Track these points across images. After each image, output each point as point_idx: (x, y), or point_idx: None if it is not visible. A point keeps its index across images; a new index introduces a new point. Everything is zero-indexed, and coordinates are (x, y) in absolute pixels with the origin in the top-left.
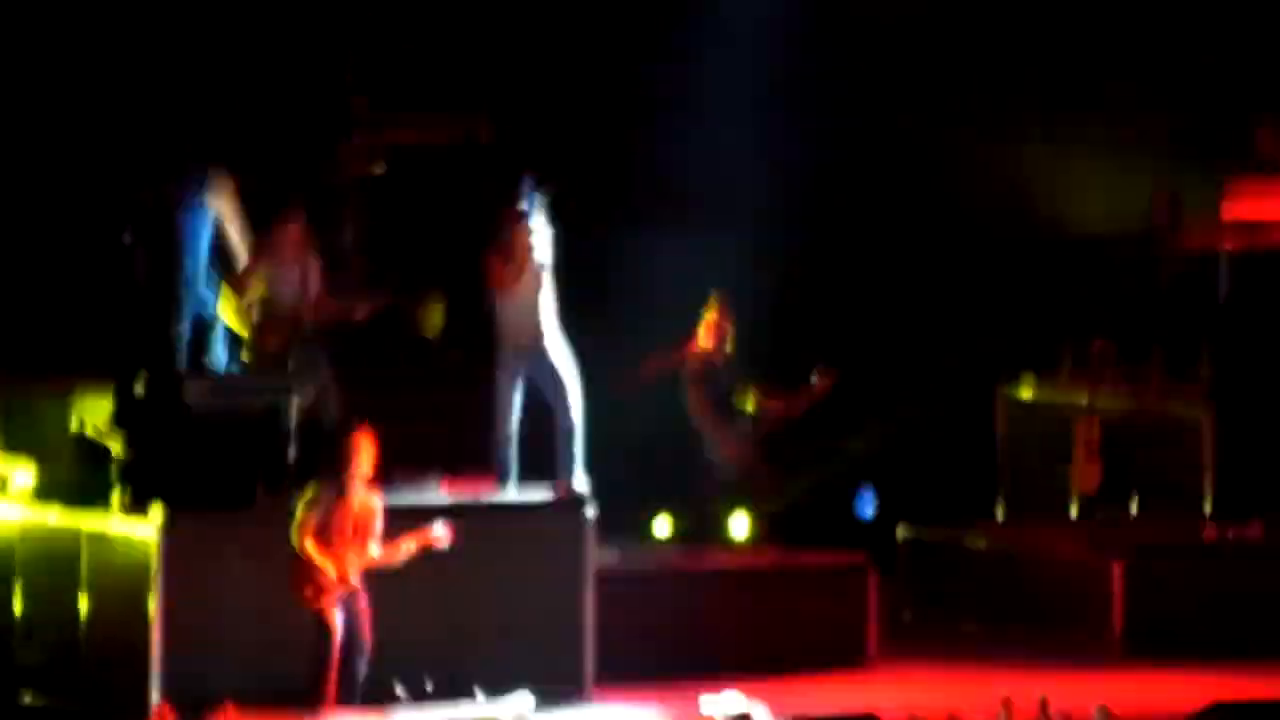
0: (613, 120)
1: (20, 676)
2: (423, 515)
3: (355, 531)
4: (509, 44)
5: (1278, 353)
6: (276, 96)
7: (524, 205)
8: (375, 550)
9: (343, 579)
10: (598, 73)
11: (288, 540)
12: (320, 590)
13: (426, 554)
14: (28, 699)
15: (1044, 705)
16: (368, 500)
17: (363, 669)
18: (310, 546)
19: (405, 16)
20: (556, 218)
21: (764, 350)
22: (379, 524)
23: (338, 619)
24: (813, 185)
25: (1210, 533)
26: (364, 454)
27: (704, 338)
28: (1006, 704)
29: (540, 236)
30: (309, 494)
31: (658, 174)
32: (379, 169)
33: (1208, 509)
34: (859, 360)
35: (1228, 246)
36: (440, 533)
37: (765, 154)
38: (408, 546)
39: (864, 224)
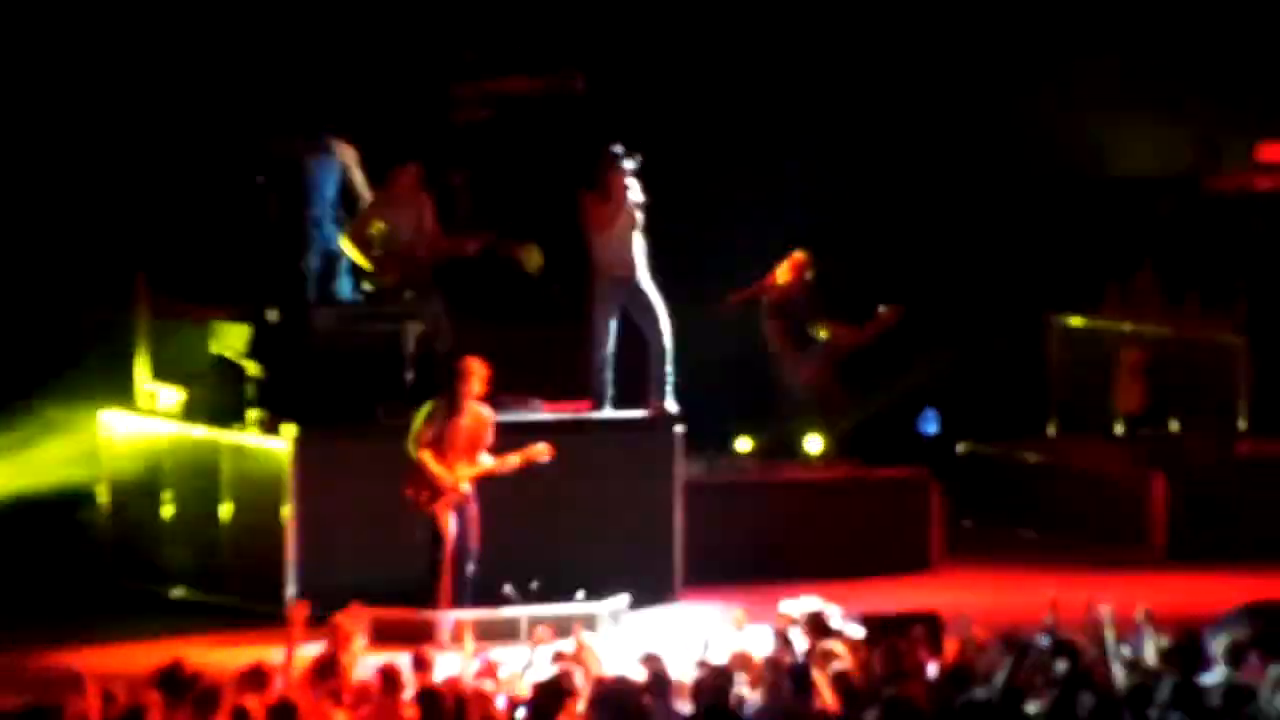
0: (695, 78)
1: (169, 574)
2: (528, 432)
3: (468, 443)
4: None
5: None
6: (395, 52)
7: (619, 151)
8: (486, 460)
9: (454, 486)
10: (680, 31)
11: (405, 452)
12: (434, 495)
13: (531, 468)
14: (176, 593)
15: (1091, 609)
16: (480, 415)
17: (471, 570)
18: (425, 455)
19: None
20: (646, 167)
21: (838, 286)
22: (489, 437)
23: (450, 524)
24: (883, 137)
25: (1244, 447)
26: (477, 375)
27: (784, 274)
28: (1053, 606)
29: (633, 180)
30: (425, 409)
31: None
32: (486, 116)
33: (1242, 426)
34: (924, 294)
35: (1261, 187)
36: (543, 449)
37: (838, 106)
38: (513, 460)
39: (931, 172)
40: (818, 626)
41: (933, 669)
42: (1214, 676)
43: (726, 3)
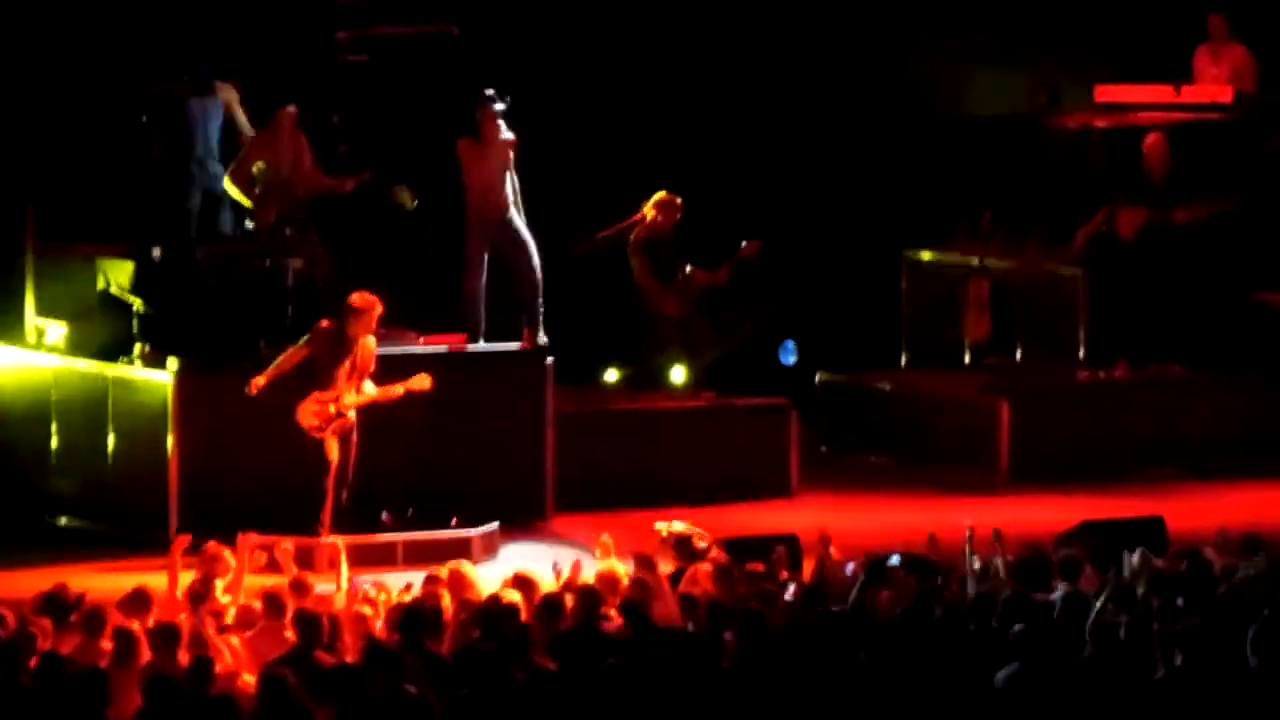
0: (566, 21)
1: (56, 503)
2: (406, 364)
3: (356, 372)
4: None
5: (1173, 213)
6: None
7: (490, 94)
8: (370, 389)
9: (340, 409)
10: None
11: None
12: (324, 421)
13: (408, 398)
14: (63, 522)
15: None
16: (367, 345)
17: (344, 495)
18: (277, 364)
19: None
20: (518, 108)
21: (700, 223)
22: (372, 367)
23: (334, 450)
24: (743, 77)
25: (1084, 375)
26: (372, 310)
27: (649, 211)
28: (932, 538)
29: (503, 122)
30: (303, 339)
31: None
32: (364, 59)
33: (1082, 354)
34: (782, 231)
35: (1099, 125)
36: (424, 379)
37: (702, 48)
38: (397, 389)
39: (790, 112)
40: (684, 549)
41: (792, 589)
42: (1057, 591)
43: None
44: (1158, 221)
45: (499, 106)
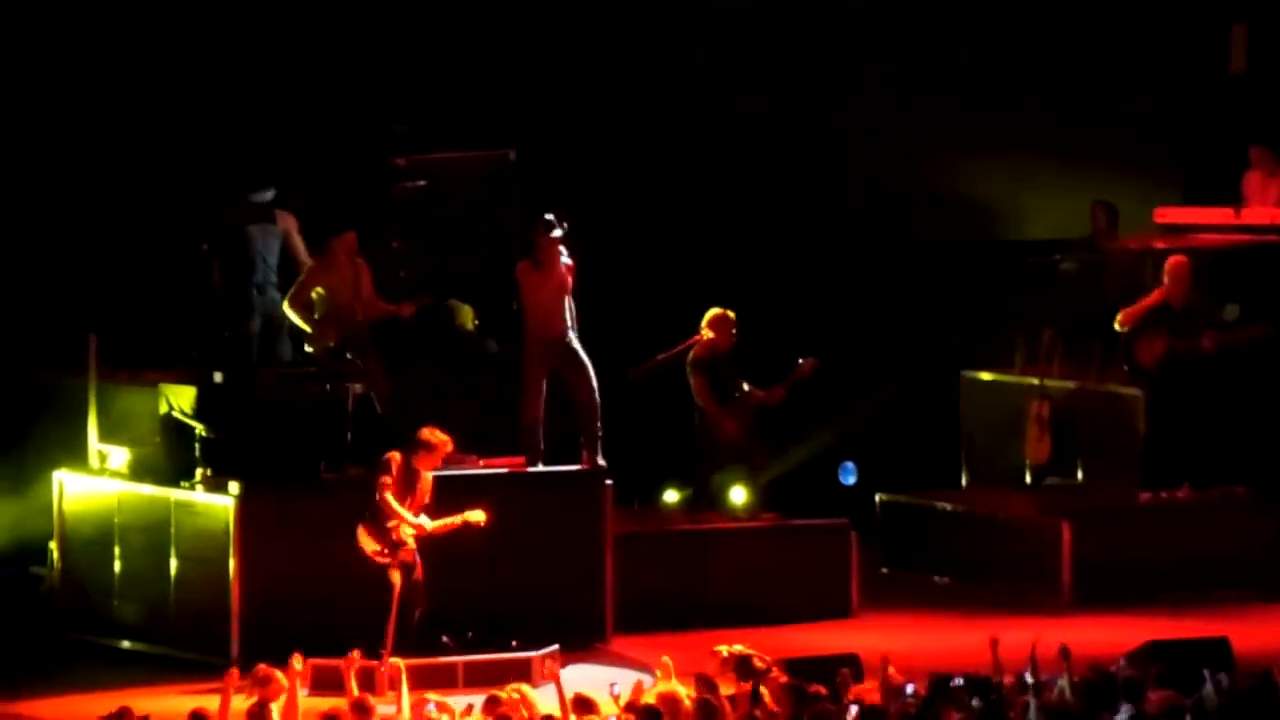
0: (620, 146)
1: (120, 627)
2: (467, 485)
3: (413, 501)
4: (533, 79)
5: (1199, 339)
6: (334, 125)
7: (550, 218)
8: (425, 522)
9: (399, 538)
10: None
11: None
12: (387, 547)
13: (467, 528)
14: (126, 646)
15: (1033, 650)
16: (426, 477)
17: (415, 622)
18: (390, 499)
19: (447, 50)
20: (576, 232)
21: (760, 344)
22: (427, 499)
23: (396, 575)
24: (802, 198)
25: (1145, 496)
26: (441, 447)
27: (707, 333)
28: (994, 644)
29: (562, 247)
30: (384, 464)
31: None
32: (422, 185)
33: (1143, 476)
34: (844, 352)
35: (1159, 247)
36: (479, 515)
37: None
38: (452, 522)
39: (849, 232)
40: (745, 669)
41: (854, 711)
42: (1122, 715)
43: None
44: (1178, 348)
45: (557, 232)
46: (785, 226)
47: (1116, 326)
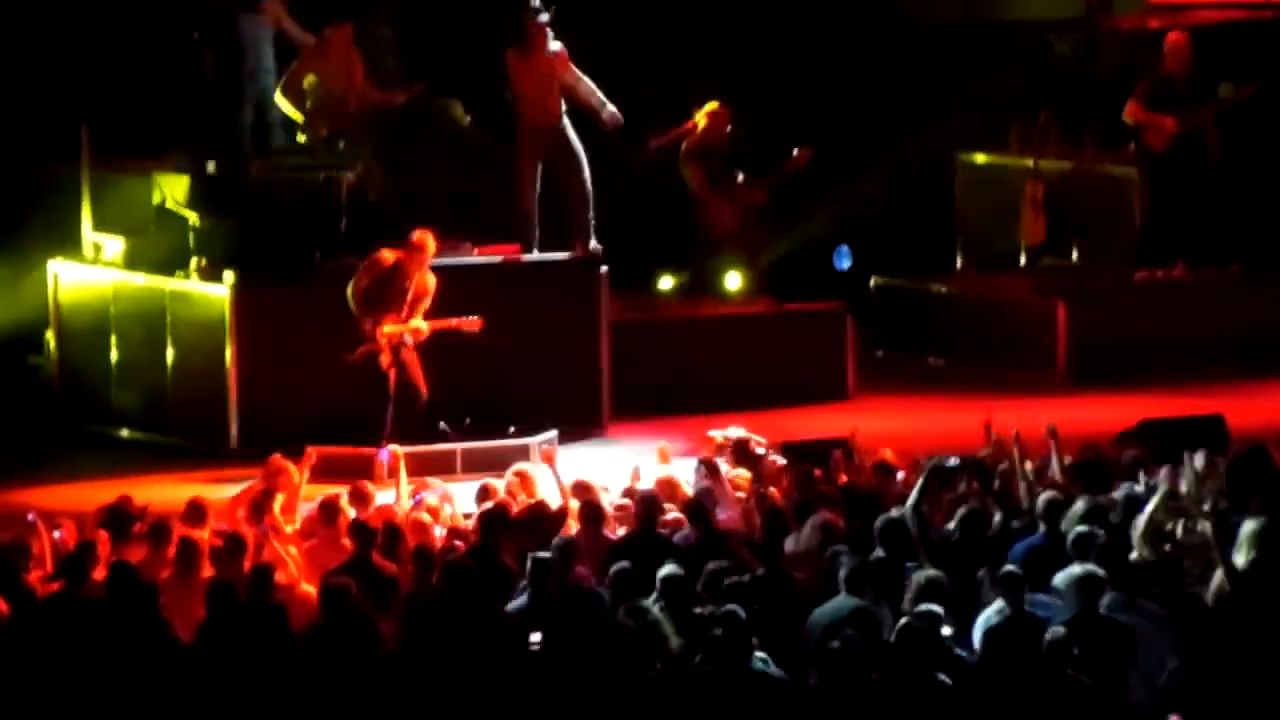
0: None
1: (117, 416)
2: (460, 275)
3: (409, 305)
4: None
5: (1192, 118)
6: None
7: (536, 4)
8: (422, 324)
9: (392, 339)
10: None
11: (342, 297)
12: (369, 347)
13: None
14: (124, 434)
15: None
16: (425, 281)
17: (415, 409)
18: (353, 303)
19: None
20: (568, 20)
21: (754, 134)
22: (428, 302)
23: (391, 366)
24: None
25: (1140, 275)
26: (427, 248)
27: (702, 121)
28: (988, 427)
29: (551, 35)
30: (360, 266)
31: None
32: None
33: (1138, 255)
34: (837, 137)
35: (1153, 26)
36: (474, 321)
37: None
38: (445, 324)
39: (841, 18)
40: (742, 454)
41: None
42: (1119, 491)
43: None
44: (1185, 127)
45: (544, 17)
46: (776, 11)
47: (1125, 119)
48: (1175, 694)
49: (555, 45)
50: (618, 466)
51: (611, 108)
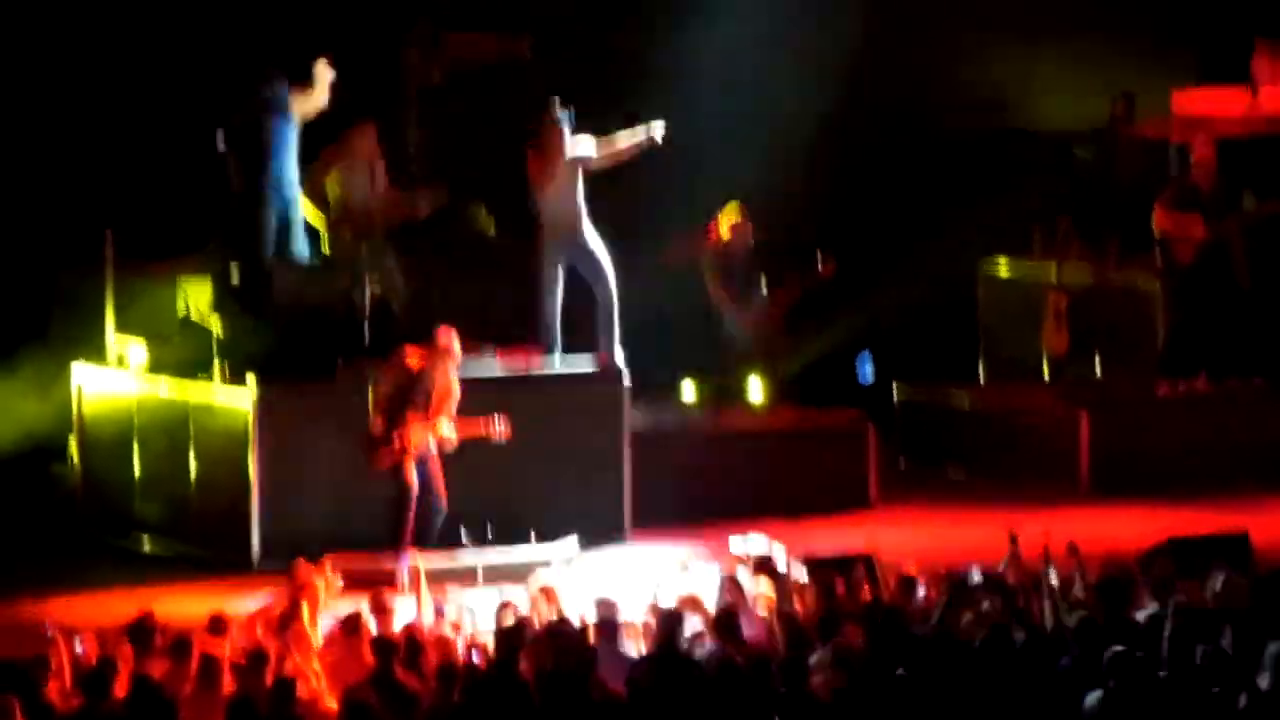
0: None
1: (139, 525)
2: (482, 385)
3: (435, 406)
4: None
5: (1218, 229)
6: (351, 17)
7: (556, 112)
8: (448, 429)
9: (416, 445)
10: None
11: (365, 406)
12: (391, 454)
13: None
14: (146, 544)
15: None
16: (449, 381)
17: (437, 519)
18: (376, 415)
19: None
20: (593, 124)
21: (777, 239)
22: (455, 404)
23: (412, 472)
24: (816, 93)
25: (1163, 387)
26: (452, 345)
27: (724, 227)
28: (1014, 538)
29: (571, 139)
30: (382, 368)
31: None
32: (439, 79)
33: (1160, 367)
34: (859, 247)
35: (1176, 139)
36: (503, 430)
37: (775, 68)
38: (472, 431)
39: (866, 126)
40: (764, 568)
41: (873, 607)
42: (1143, 610)
43: None
44: (1213, 235)
45: (559, 115)
46: (803, 117)
47: (1155, 227)
48: None
49: (576, 150)
50: (639, 577)
51: (649, 127)
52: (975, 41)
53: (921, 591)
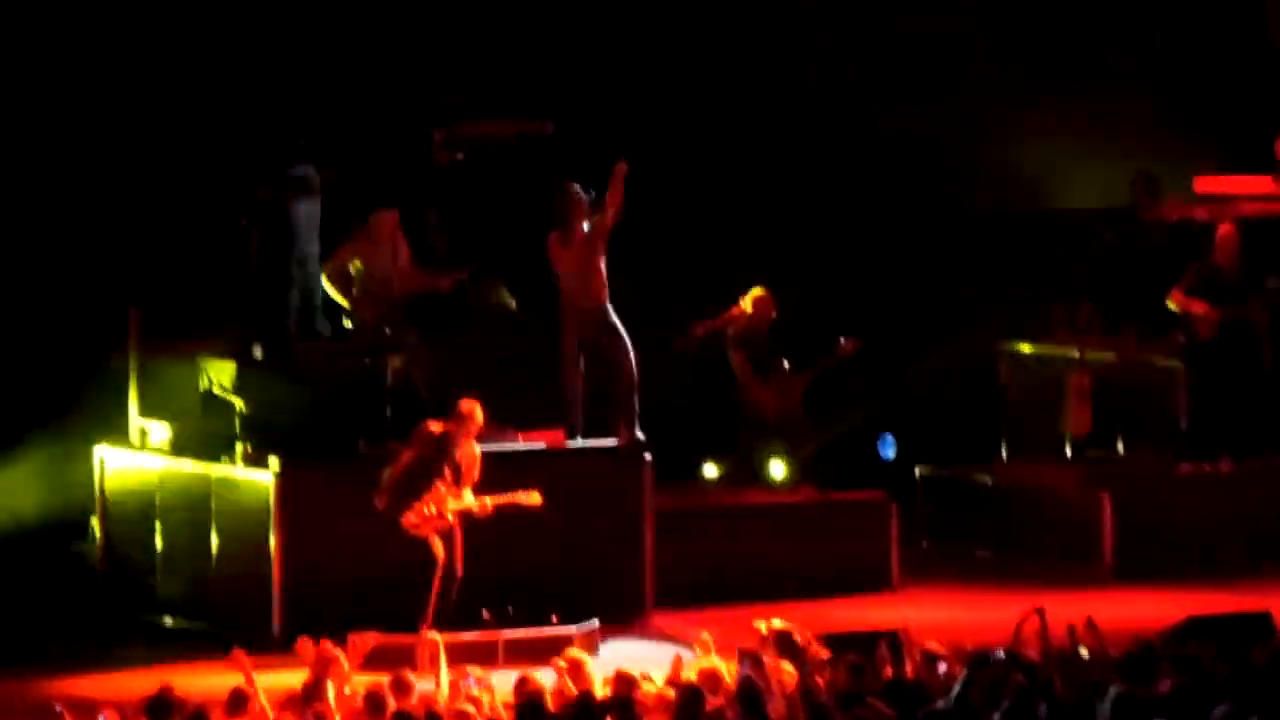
0: (652, 125)
1: (161, 603)
2: (504, 462)
3: (456, 476)
4: (570, 53)
5: (1241, 310)
6: (374, 99)
7: (576, 186)
8: (471, 499)
9: (443, 516)
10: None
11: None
12: (418, 516)
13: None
14: (168, 623)
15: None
16: (470, 451)
17: (453, 595)
18: (388, 480)
19: (484, 26)
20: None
21: (799, 320)
22: (477, 474)
23: (439, 548)
24: (838, 173)
25: (1186, 468)
26: (475, 416)
27: (747, 307)
28: (1022, 621)
29: (591, 218)
30: (411, 435)
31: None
32: (460, 158)
33: (1183, 447)
34: (883, 323)
35: (1198, 217)
36: (534, 497)
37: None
38: (500, 500)
39: (887, 207)
40: (786, 645)
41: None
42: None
43: (684, 49)
44: (1230, 317)
45: (579, 196)
46: (824, 196)
47: (1171, 307)
48: None
49: (596, 235)
50: (660, 656)
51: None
52: (1001, 121)
53: (943, 667)
